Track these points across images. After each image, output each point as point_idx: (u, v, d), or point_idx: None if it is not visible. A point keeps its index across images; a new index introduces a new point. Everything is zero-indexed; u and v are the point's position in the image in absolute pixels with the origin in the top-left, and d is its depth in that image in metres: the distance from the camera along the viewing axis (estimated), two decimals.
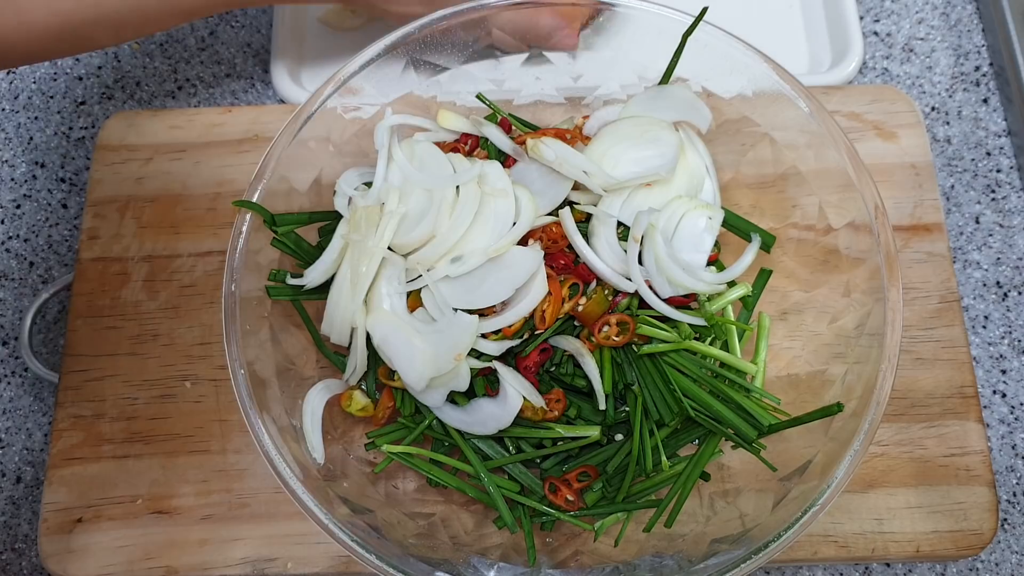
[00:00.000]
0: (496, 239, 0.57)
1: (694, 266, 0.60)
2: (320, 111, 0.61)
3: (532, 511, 0.59)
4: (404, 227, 0.58)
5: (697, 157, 0.64)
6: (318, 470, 0.56)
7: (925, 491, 0.64)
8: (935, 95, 0.81)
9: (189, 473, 0.65)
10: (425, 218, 0.58)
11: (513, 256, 0.57)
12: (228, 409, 0.67)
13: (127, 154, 0.75)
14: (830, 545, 0.63)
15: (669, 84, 0.64)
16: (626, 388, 0.58)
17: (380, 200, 0.59)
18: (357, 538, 0.52)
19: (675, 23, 0.62)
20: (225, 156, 0.74)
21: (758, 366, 0.61)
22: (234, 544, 0.63)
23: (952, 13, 0.85)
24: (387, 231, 0.57)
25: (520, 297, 0.56)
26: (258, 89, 0.83)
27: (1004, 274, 0.75)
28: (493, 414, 0.56)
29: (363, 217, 0.57)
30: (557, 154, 0.59)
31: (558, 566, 0.58)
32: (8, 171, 0.80)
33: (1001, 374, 0.72)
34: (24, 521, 0.69)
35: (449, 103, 0.67)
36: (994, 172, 0.78)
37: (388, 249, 0.57)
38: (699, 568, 0.52)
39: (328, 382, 0.60)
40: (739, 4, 0.83)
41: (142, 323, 0.69)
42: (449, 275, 0.56)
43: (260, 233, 0.59)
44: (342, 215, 0.60)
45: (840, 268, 0.61)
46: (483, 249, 0.57)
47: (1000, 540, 0.67)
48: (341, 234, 0.59)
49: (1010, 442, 0.70)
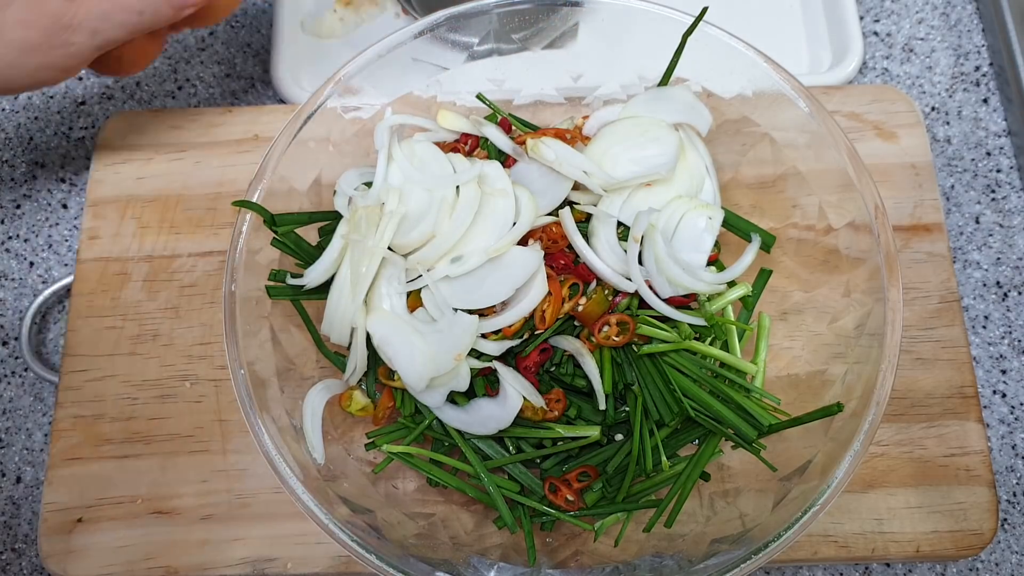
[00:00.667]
0: (496, 239, 0.57)
1: (694, 266, 0.60)
2: (320, 111, 0.61)
3: (532, 511, 0.59)
4: (404, 227, 0.58)
5: (697, 157, 0.64)
6: (318, 470, 0.56)
7: (925, 491, 0.64)
8: (935, 95, 0.81)
9: (189, 473, 0.65)
10: (425, 218, 0.58)
11: (513, 256, 0.57)
12: (228, 409, 0.67)
13: (127, 154, 0.75)
14: (830, 545, 0.63)
15: (669, 85, 0.64)
16: (626, 388, 0.58)
17: (380, 200, 0.59)
18: (357, 538, 0.52)
19: (675, 23, 0.62)
20: (225, 156, 0.74)
21: (758, 366, 0.61)
22: (234, 544, 0.63)
23: (952, 13, 0.85)
24: (387, 231, 0.57)
25: (520, 297, 0.56)
26: (258, 89, 0.83)
27: (1004, 274, 0.75)
28: (493, 414, 0.57)
29: (363, 217, 0.57)
30: (557, 154, 0.59)
31: (558, 566, 0.58)
32: (8, 171, 0.80)
33: (1001, 374, 0.72)
34: (24, 521, 0.69)
35: (449, 103, 0.68)
36: (994, 172, 0.78)
37: (388, 249, 0.57)
38: (699, 568, 0.52)
39: (328, 382, 0.60)
40: (739, 4, 0.83)
41: (142, 323, 0.69)
42: (449, 275, 0.56)
43: (260, 233, 0.59)
44: (342, 215, 0.60)
45: (840, 268, 0.61)
46: (483, 249, 0.57)
47: (1000, 540, 0.67)
48: (341, 234, 0.59)
49: (1010, 442, 0.70)
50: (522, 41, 0.67)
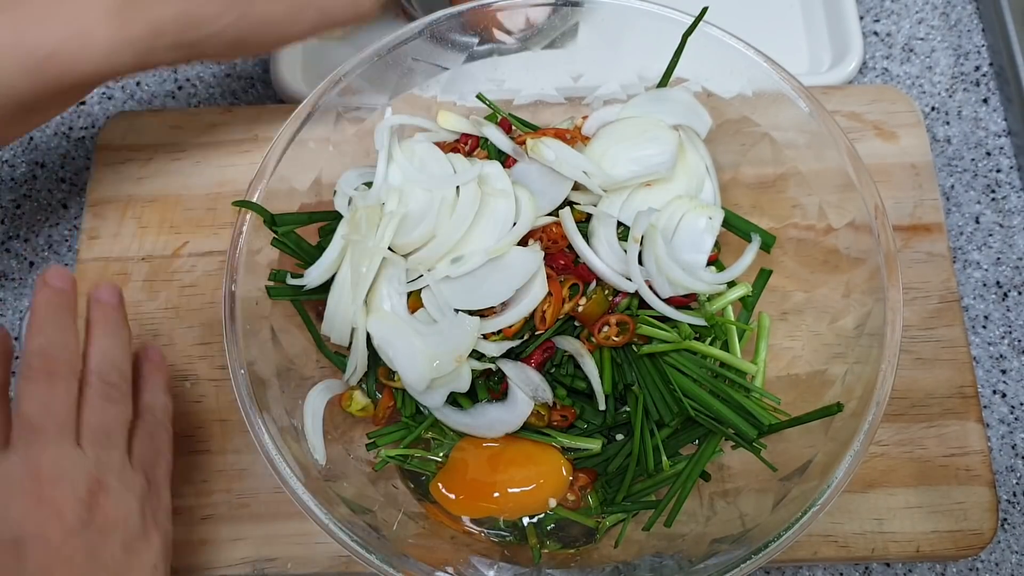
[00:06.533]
0: (496, 239, 0.57)
1: (694, 266, 0.60)
2: (320, 111, 0.61)
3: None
4: (404, 227, 0.57)
5: (697, 157, 0.64)
6: (318, 470, 0.56)
7: (925, 491, 0.64)
8: (935, 95, 0.81)
9: (189, 473, 0.65)
10: (425, 218, 0.58)
11: (513, 256, 0.57)
12: (228, 409, 0.67)
13: (127, 154, 0.75)
14: (830, 545, 0.63)
15: (669, 86, 0.64)
16: (626, 388, 0.58)
17: (380, 200, 0.59)
18: (357, 538, 0.52)
19: (675, 23, 0.62)
20: (225, 156, 0.74)
21: (758, 366, 0.61)
22: (234, 544, 0.63)
23: (952, 13, 0.85)
24: (387, 231, 0.57)
25: (520, 297, 0.56)
26: (258, 89, 0.83)
27: (1004, 274, 0.75)
28: (501, 418, 0.56)
29: (363, 217, 0.57)
30: (557, 154, 0.59)
31: (558, 566, 0.58)
32: (8, 171, 0.80)
33: (1001, 374, 0.72)
34: None
35: (449, 103, 0.67)
36: (994, 172, 0.78)
37: (388, 249, 0.57)
38: (699, 568, 0.52)
39: (329, 382, 0.60)
40: (739, 4, 0.83)
41: (142, 323, 0.69)
42: (449, 275, 0.56)
43: (260, 233, 0.59)
44: (342, 215, 0.60)
45: (840, 268, 0.61)
46: (483, 249, 0.56)
47: (1000, 540, 0.67)
48: (341, 234, 0.59)
49: (1010, 442, 0.70)
50: (522, 41, 0.67)
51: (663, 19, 0.62)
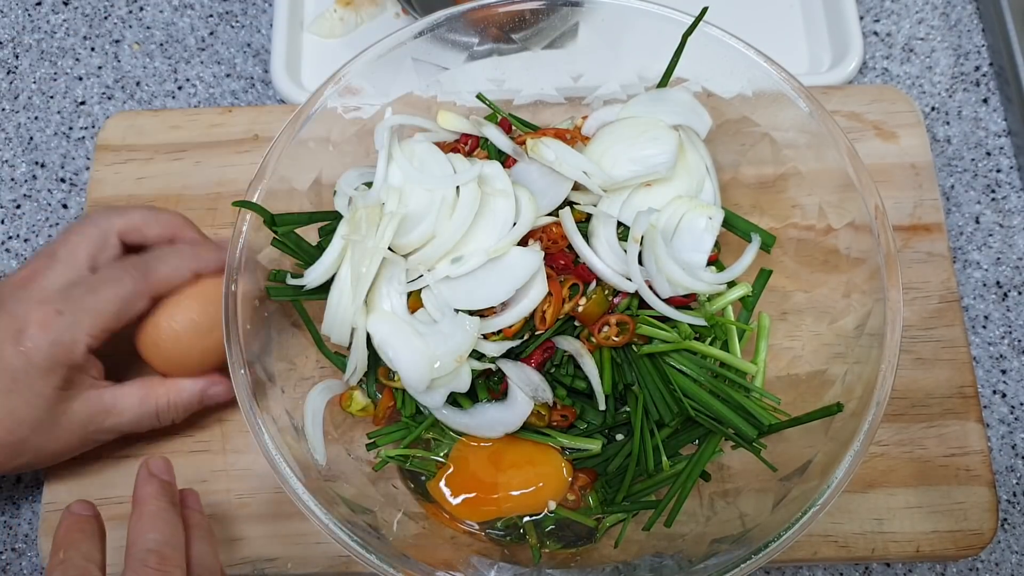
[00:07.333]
0: (496, 239, 0.57)
1: (694, 266, 0.60)
2: (320, 111, 0.61)
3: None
4: (404, 227, 0.57)
5: (697, 157, 0.64)
6: (318, 470, 0.56)
7: (925, 491, 0.64)
8: (935, 95, 0.81)
9: (189, 473, 0.65)
10: (425, 218, 0.57)
11: (513, 256, 0.57)
12: (228, 409, 0.67)
13: (127, 154, 0.75)
14: (830, 545, 0.63)
15: (669, 86, 0.64)
16: (626, 388, 0.58)
17: (380, 200, 0.59)
18: (357, 538, 0.51)
19: (675, 23, 0.62)
20: (225, 156, 0.74)
21: (758, 366, 0.61)
22: (234, 544, 0.63)
23: (952, 13, 0.85)
24: (387, 231, 0.56)
25: (520, 297, 0.56)
26: (258, 89, 0.83)
27: (1004, 274, 0.75)
28: (501, 418, 0.56)
29: (363, 217, 0.57)
30: (557, 154, 0.59)
31: (558, 566, 0.58)
32: (8, 171, 0.80)
33: (1001, 374, 0.72)
34: (24, 521, 0.69)
35: (449, 103, 0.67)
36: (994, 172, 0.78)
37: (388, 249, 0.57)
38: (699, 568, 0.52)
39: (329, 382, 0.61)
40: (739, 4, 0.83)
41: None
42: (450, 275, 0.56)
43: (260, 233, 0.59)
44: (342, 215, 0.60)
45: (840, 268, 0.61)
46: (483, 249, 0.56)
47: (1000, 540, 0.67)
48: (341, 234, 0.59)
49: (1010, 442, 0.70)
50: (522, 41, 0.67)
51: (663, 19, 0.62)
